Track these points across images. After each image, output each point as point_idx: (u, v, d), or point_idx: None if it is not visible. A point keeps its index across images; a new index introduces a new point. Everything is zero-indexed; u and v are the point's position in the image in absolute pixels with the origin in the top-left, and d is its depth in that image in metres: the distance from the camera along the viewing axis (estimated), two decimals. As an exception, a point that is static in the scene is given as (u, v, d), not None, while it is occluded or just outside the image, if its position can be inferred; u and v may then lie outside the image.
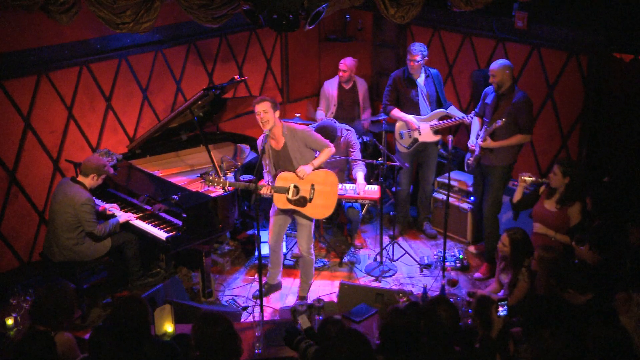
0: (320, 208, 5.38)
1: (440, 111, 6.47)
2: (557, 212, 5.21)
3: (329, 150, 5.36)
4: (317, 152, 5.39)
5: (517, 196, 5.53)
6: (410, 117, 6.45)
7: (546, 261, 4.56)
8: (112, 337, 3.54)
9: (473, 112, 6.18)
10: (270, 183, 5.30)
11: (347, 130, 6.53)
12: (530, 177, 5.41)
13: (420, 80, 6.46)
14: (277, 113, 5.19)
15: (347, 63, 7.37)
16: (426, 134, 6.48)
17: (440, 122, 6.45)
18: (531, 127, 5.76)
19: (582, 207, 5.17)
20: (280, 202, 5.34)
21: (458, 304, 4.55)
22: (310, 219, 5.49)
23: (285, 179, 5.29)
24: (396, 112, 6.51)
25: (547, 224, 5.23)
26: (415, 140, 6.52)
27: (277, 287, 5.96)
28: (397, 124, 6.62)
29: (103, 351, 3.58)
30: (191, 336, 3.47)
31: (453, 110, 6.51)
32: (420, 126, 6.44)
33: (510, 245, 4.95)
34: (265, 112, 5.08)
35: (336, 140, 6.38)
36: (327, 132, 6.03)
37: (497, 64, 5.73)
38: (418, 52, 6.34)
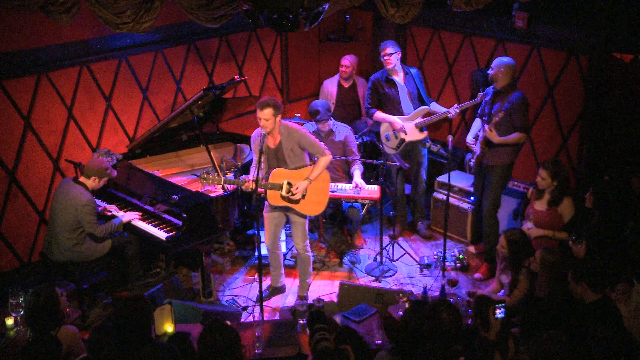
0: (313, 204, 5.39)
1: (424, 108, 6.46)
2: (549, 211, 5.25)
3: (326, 159, 5.31)
4: (307, 152, 5.39)
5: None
6: (394, 118, 6.45)
7: (550, 263, 4.56)
8: (114, 335, 3.54)
9: (455, 105, 6.20)
10: (259, 178, 5.25)
11: (344, 127, 6.52)
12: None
13: (399, 79, 6.47)
14: (279, 117, 5.19)
15: (349, 59, 7.38)
16: (412, 133, 6.46)
17: (425, 119, 6.43)
18: (527, 126, 5.75)
19: (572, 201, 5.21)
20: (274, 199, 5.35)
21: (458, 304, 4.56)
22: (304, 216, 5.50)
23: (279, 176, 5.30)
24: (379, 114, 6.52)
25: (541, 225, 5.25)
26: (402, 140, 6.50)
27: (280, 290, 5.94)
28: (382, 128, 6.62)
29: (103, 351, 3.58)
30: (197, 345, 3.45)
31: (435, 107, 6.51)
32: (405, 125, 6.44)
33: (508, 247, 4.96)
34: (266, 120, 5.09)
35: (330, 136, 6.40)
36: (317, 108, 6.25)
37: (496, 60, 5.75)
38: (386, 46, 6.39)
